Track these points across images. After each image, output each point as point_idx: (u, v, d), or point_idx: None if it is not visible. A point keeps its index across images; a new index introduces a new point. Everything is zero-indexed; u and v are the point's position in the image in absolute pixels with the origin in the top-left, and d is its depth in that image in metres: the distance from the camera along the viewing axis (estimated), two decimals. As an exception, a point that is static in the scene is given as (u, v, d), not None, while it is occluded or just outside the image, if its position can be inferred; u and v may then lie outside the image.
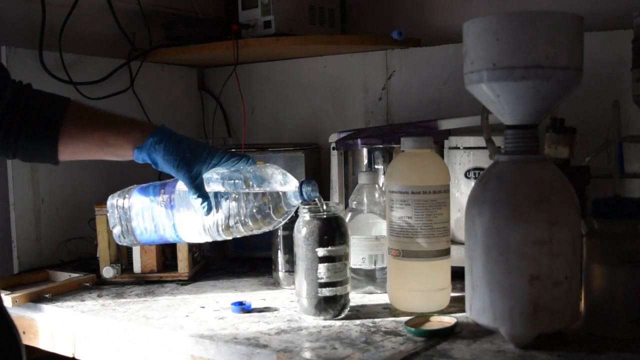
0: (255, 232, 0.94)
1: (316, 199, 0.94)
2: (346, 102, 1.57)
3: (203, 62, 1.71)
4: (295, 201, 0.92)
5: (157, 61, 1.60)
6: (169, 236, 0.97)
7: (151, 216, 0.96)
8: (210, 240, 0.96)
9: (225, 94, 1.71)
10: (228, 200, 0.92)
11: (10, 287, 1.16)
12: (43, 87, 0.95)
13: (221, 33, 1.49)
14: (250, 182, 0.91)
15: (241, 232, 0.93)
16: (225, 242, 1.40)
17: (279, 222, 0.93)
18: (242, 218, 0.91)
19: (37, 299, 1.12)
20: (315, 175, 1.44)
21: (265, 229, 0.93)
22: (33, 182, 1.33)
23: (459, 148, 1.14)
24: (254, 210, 0.91)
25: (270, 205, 0.91)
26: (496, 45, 0.78)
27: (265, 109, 1.69)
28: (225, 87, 1.67)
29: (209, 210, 0.91)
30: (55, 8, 1.36)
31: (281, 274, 1.17)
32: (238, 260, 1.39)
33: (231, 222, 0.92)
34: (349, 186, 1.25)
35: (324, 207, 0.97)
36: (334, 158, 1.26)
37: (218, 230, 0.93)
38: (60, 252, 1.37)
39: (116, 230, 0.98)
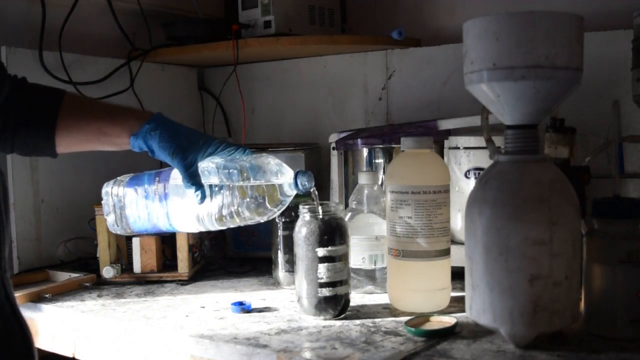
0: (250, 222, 0.93)
1: (311, 190, 0.94)
2: (346, 102, 1.56)
3: (203, 62, 1.71)
4: (291, 191, 0.92)
5: (157, 61, 1.60)
6: (162, 225, 0.97)
7: (145, 204, 0.96)
8: (203, 230, 0.96)
9: (225, 94, 1.71)
10: (223, 190, 0.92)
11: (10, 287, 1.16)
12: (43, 87, 0.96)
13: (221, 33, 1.49)
14: (246, 173, 0.91)
15: (235, 222, 0.93)
16: (225, 242, 1.42)
17: (274, 212, 0.93)
18: (236, 208, 0.91)
19: (37, 299, 1.12)
20: (315, 175, 1.43)
21: (259, 219, 0.93)
22: (33, 182, 1.33)
23: (459, 148, 1.14)
24: (248, 200, 0.91)
25: (265, 196, 0.91)
26: (496, 45, 0.78)
27: (265, 109, 1.69)
28: (225, 87, 1.67)
29: (203, 198, 0.91)
30: (55, 8, 1.36)
31: (281, 274, 1.17)
32: (238, 260, 1.39)
33: (225, 212, 0.92)
34: (349, 186, 1.25)
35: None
36: (334, 158, 1.26)
37: (212, 220, 0.93)
38: (60, 252, 1.37)
39: (110, 218, 0.98)
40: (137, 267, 1.24)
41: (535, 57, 0.77)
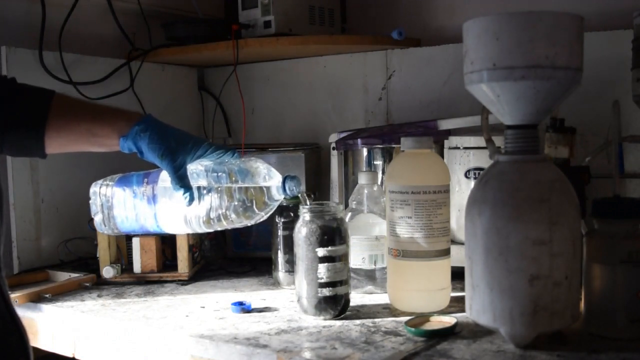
0: (237, 225, 0.94)
1: (299, 195, 0.94)
2: (346, 102, 1.56)
3: (203, 62, 1.71)
4: (279, 196, 0.92)
5: (157, 61, 1.60)
6: (150, 226, 0.97)
7: (133, 205, 0.96)
8: (190, 232, 0.96)
9: (225, 94, 1.71)
10: (211, 193, 0.92)
11: (11, 287, 1.15)
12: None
13: (221, 33, 1.49)
14: (234, 176, 0.91)
15: (222, 225, 0.93)
16: (225, 242, 1.42)
17: (261, 216, 0.93)
18: (224, 211, 0.91)
19: (37, 299, 1.12)
20: (315, 175, 1.44)
21: (247, 222, 0.93)
22: (33, 182, 1.33)
23: (459, 148, 1.14)
24: (236, 204, 0.91)
25: (253, 199, 0.91)
26: (496, 45, 0.78)
27: (265, 109, 1.69)
28: (225, 87, 1.67)
29: (191, 201, 0.91)
30: (55, 8, 1.36)
31: (281, 274, 1.17)
32: (238, 260, 1.39)
33: (212, 215, 0.92)
34: (349, 186, 1.25)
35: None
36: (334, 158, 1.26)
37: (199, 222, 0.93)
38: (60, 252, 1.37)
39: (97, 218, 0.98)
40: (137, 267, 1.24)
41: (535, 57, 0.77)
